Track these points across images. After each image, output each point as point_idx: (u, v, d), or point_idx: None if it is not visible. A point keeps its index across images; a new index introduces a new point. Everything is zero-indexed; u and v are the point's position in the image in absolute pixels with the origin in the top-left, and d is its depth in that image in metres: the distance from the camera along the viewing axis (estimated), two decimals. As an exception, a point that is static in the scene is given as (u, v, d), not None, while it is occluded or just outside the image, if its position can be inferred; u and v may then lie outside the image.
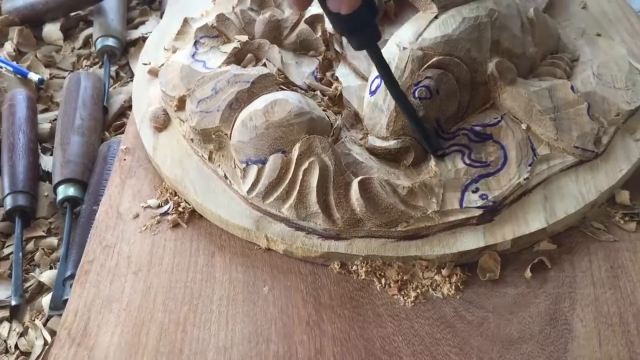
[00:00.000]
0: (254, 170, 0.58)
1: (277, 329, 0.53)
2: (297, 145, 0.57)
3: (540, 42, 0.65)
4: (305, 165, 0.56)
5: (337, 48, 0.70)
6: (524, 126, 0.60)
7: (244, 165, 0.59)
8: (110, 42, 0.99)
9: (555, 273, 0.55)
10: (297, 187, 0.56)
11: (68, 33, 1.09)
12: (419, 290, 0.55)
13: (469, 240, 0.55)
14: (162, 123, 0.67)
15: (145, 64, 0.74)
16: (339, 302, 0.55)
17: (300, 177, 0.56)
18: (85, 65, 1.02)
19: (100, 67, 1.00)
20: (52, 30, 1.07)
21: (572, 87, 0.61)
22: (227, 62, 0.67)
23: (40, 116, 0.91)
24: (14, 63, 0.97)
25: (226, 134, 0.62)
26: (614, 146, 0.60)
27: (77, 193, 0.75)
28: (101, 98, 0.89)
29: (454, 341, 0.51)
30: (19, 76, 0.96)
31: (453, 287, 0.54)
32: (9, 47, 1.04)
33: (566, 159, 0.59)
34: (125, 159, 0.69)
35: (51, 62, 1.03)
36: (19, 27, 1.05)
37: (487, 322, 0.52)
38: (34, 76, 0.96)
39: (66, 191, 0.75)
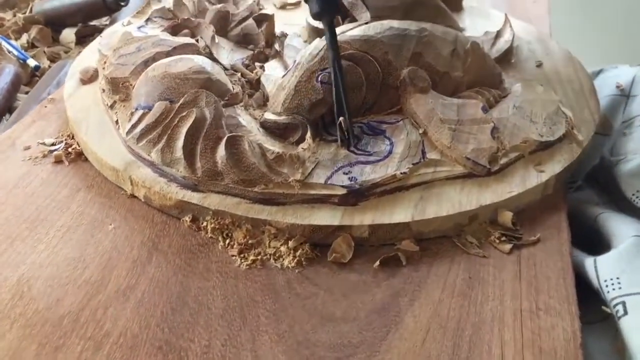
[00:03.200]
0: (138, 114, 0.58)
1: (102, 260, 0.50)
2: (185, 96, 0.56)
3: (469, 71, 0.64)
4: (184, 113, 0.55)
5: (277, 47, 0.70)
6: (421, 130, 0.57)
7: (134, 110, 0.59)
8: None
9: (407, 271, 0.50)
10: (169, 132, 0.55)
11: (82, 40, 1.15)
12: (259, 257, 0.51)
13: (325, 217, 0.51)
14: (89, 78, 0.69)
15: (101, 37, 0.77)
16: (176, 251, 0.52)
17: (175, 122, 0.55)
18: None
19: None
20: (68, 34, 1.13)
21: (483, 108, 0.59)
22: (162, 31, 0.68)
23: (21, 95, 0.94)
24: (18, 45, 1.02)
25: (132, 85, 0.62)
26: (513, 171, 0.57)
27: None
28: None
29: (271, 307, 0.47)
30: (20, 61, 1.00)
31: (295, 260, 0.51)
32: (24, 39, 1.10)
33: (455, 168, 0.55)
34: (46, 107, 0.70)
35: (56, 58, 1.08)
36: (40, 26, 1.11)
37: (314, 298, 0.48)
38: (32, 62, 1.00)
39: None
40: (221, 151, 0.53)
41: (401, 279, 0.50)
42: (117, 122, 0.60)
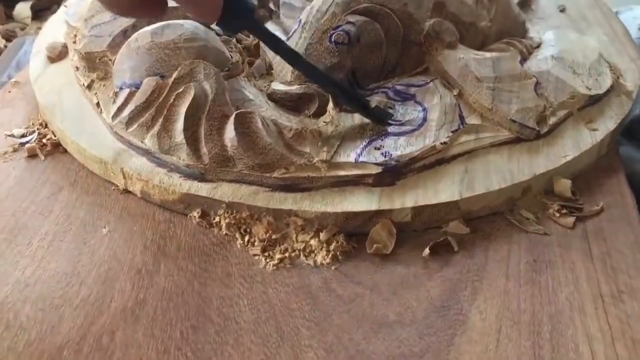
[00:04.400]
0: (124, 93, 0.49)
1: (99, 273, 0.42)
2: (178, 69, 0.47)
3: (496, 20, 0.56)
4: (180, 89, 0.46)
5: (272, 6, 0.61)
6: (455, 92, 0.49)
7: (118, 89, 0.50)
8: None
9: (461, 258, 0.43)
10: (164, 113, 0.46)
11: (38, 14, 1.05)
12: (287, 254, 0.43)
13: (359, 201, 0.44)
14: (56, 54, 0.59)
15: (65, 6, 0.67)
16: (187, 254, 0.43)
17: (170, 101, 0.46)
18: (43, 43, 0.95)
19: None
20: (22, 8, 1.03)
21: (521, 62, 0.51)
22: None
23: (-23, 81, 0.84)
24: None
25: (111, 61, 0.53)
26: (563, 131, 0.49)
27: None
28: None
29: (310, 315, 0.39)
30: (-28, 42, 0.90)
31: (330, 255, 0.43)
32: (-25, 19, 0.99)
33: (500, 134, 0.48)
34: (10, 92, 0.60)
35: (12, 36, 0.98)
36: (-8, 5, 1.00)
37: (360, 300, 0.40)
38: (-15, 43, 0.90)
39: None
40: (230, 132, 0.45)
41: (456, 269, 0.42)
42: (97, 104, 0.51)
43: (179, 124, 0.45)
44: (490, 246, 0.44)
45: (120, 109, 0.48)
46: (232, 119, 0.45)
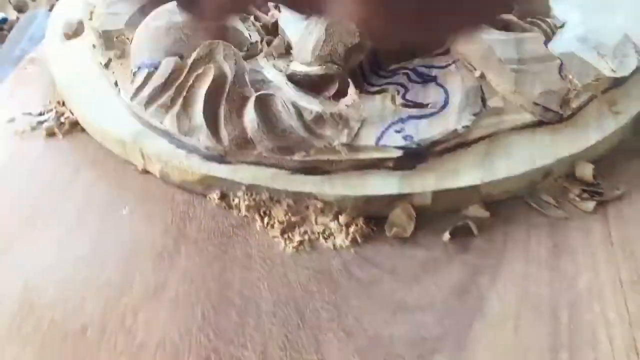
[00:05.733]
0: (143, 74, 0.49)
1: (120, 255, 0.43)
2: (197, 49, 0.47)
3: (520, -1, 0.55)
4: (200, 70, 0.46)
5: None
6: (477, 73, 0.49)
7: (136, 69, 0.49)
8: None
9: (481, 242, 0.43)
10: (184, 93, 0.46)
11: (51, -16, 1.03)
12: (306, 237, 0.43)
13: (379, 185, 0.44)
14: (73, 32, 0.59)
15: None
16: (207, 236, 0.44)
17: (190, 82, 0.46)
18: (56, 15, 0.95)
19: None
20: (35, -20, 1.02)
21: (545, 43, 0.50)
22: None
23: (-10, 53, 0.84)
24: (-19, 0, 0.91)
25: (129, 39, 0.52)
26: (586, 114, 0.49)
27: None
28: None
29: (330, 298, 0.40)
30: (-18, 12, 0.89)
31: (349, 238, 0.43)
32: (-14, -12, 0.98)
33: (523, 117, 0.47)
34: (27, 68, 0.60)
35: (24, 7, 0.97)
36: (3, -26, 0.99)
37: (379, 283, 0.40)
38: (-3, 14, 0.89)
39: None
40: (250, 114, 0.45)
41: (476, 253, 0.42)
42: (116, 83, 0.51)
43: (198, 106, 0.45)
44: (510, 231, 0.44)
45: (139, 89, 0.48)
46: (251, 101, 0.45)
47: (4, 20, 0.88)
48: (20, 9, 0.96)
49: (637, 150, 0.50)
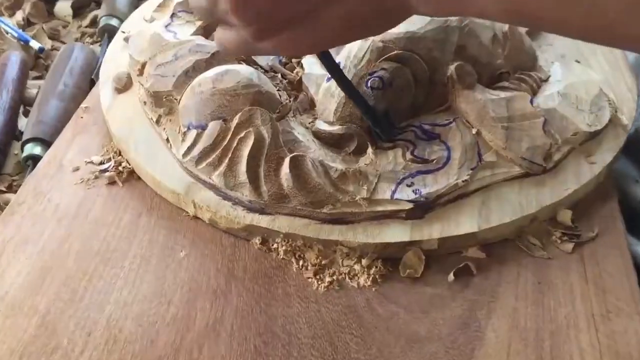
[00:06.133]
0: (192, 134, 0.57)
1: (182, 293, 0.52)
2: (239, 115, 0.56)
3: (510, 57, 0.64)
4: (242, 134, 0.55)
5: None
6: (474, 131, 0.58)
7: (185, 129, 0.58)
8: (113, 21, 1.00)
9: (479, 280, 0.52)
10: (229, 155, 0.55)
11: (78, 12, 1.11)
12: (335, 277, 0.53)
13: (395, 233, 0.53)
14: (123, 85, 0.67)
15: (123, 32, 0.75)
16: (252, 276, 0.53)
17: (234, 145, 0.55)
18: (87, 42, 1.03)
19: (100, 44, 1.01)
20: (63, 7, 1.10)
21: (531, 101, 0.59)
22: (195, 33, 0.67)
23: (31, 82, 0.92)
24: (14, 25, 0.98)
25: (177, 99, 0.61)
26: (566, 166, 0.58)
27: (42, 152, 0.74)
28: (91, 70, 0.90)
29: (358, 331, 0.49)
30: (22, 42, 0.97)
31: (370, 278, 0.52)
32: (19, 16, 1.06)
33: (512, 169, 0.57)
34: (82, 117, 0.69)
35: (56, 35, 1.05)
36: (33, 0, 1.07)
37: (396, 318, 0.50)
38: (35, 44, 0.97)
39: (32, 149, 0.75)
40: (285, 172, 0.54)
41: (475, 290, 0.52)
42: (167, 140, 0.60)
43: (242, 166, 0.54)
44: (502, 269, 0.53)
45: (190, 149, 0.57)
46: (286, 161, 0.54)
47: (42, 50, 0.96)
48: (52, 37, 1.04)
49: (608, 193, 0.59)
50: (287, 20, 0.39)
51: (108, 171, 0.62)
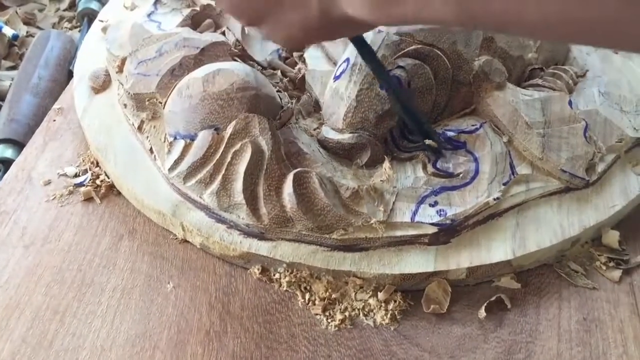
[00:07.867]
0: (180, 145, 0.49)
1: (170, 335, 0.44)
2: (233, 123, 0.48)
3: (542, 49, 0.56)
4: (237, 146, 0.47)
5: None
6: (505, 139, 0.50)
7: (172, 139, 0.50)
8: (93, 5, 0.91)
9: (514, 316, 0.45)
10: (223, 171, 0.47)
11: (55, -6, 1.02)
12: (347, 314, 0.45)
13: (416, 262, 0.45)
14: (100, 84, 0.59)
15: (101, 21, 0.66)
16: (251, 313, 0.45)
17: (228, 159, 0.47)
18: (65, 28, 0.95)
19: (79, 31, 0.92)
20: (40, -12, 1.01)
21: (570, 102, 0.51)
22: (182, 24, 0.58)
23: (3, 73, 0.84)
24: (-14, 10, 0.90)
25: (161, 102, 0.53)
26: (611, 177, 0.51)
27: (14, 156, 0.66)
28: (68, 61, 0.81)
29: (375, 380, 0.42)
30: (-7, 29, 0.89)
31: (389, 315, 0.45)
32: (-10, -2, 0.97)
33: (550, 184, 0.49)
34: (55, 120, 0.60)
35: (31, 20, 0.97)
36: (6, -19, 0.98)
37: (420, 364, 0.43)
38: (8, 31, 0.89)
39: (3, 152, 0.67)
40: (288, 192, 0.46)
41: (510, 329, 0.45)
42: (151, 150, 0.52)
43: (238, 184, 0.47)
44: (541, 302, 0.46)
45: (177, 162, 0.49)
46: (290, 179, 0.46)
47: (16, 37, 0.88)
48: (27, 22, 0.95)
49: (660, 209, 0.51)
50: (259, 17, 0.40)
51: (84, 185, 0.54)
